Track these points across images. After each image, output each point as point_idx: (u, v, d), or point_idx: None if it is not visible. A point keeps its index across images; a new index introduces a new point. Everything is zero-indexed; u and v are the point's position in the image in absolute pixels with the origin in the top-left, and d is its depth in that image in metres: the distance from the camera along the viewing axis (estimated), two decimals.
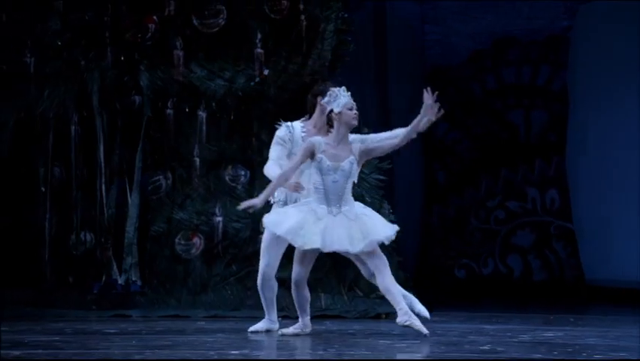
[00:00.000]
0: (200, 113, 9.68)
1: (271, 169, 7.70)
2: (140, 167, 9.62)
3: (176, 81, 9.70)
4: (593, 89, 12.84)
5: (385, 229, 7.48)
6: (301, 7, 9.68)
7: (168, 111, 9.71)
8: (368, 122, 10.04)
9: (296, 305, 7.71)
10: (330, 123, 7.58)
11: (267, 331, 7.78)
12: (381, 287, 7.54)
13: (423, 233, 13.20)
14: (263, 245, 7.78)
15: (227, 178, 9.63)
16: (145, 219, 9.56)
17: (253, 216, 9.50)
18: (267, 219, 7.51)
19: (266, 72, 9.66)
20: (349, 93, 7.68)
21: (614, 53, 12.72)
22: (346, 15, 9.77)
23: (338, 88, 7.71)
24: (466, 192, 13.26)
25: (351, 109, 7.60)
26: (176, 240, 9.52)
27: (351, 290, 9.36)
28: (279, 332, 7.69)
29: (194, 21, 9.75)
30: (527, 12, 12.98)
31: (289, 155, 7.73)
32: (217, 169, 9.64)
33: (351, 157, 7.52)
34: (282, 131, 7.84)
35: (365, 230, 7.40)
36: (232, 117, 9.68)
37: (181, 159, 9.65)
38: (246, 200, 9.66)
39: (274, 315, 7.85)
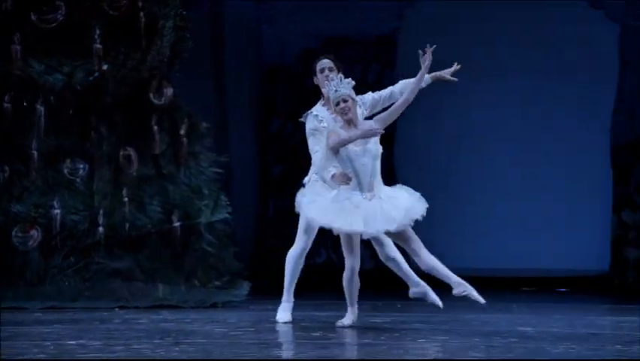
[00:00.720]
0: (39, 107, 9.45)
1: (322, 162, 7.39)
2: None
3: (14, 75, 9.44)
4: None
5: (417, 206, 7.25)
6: (140, 4, 9.55)
7: (6, 105, 9.44)
8: (206, 118, 10.01)
9: (347, 295, 7.46)
10: None
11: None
12: (425, 267, 7.33)
13: (259, 224, 13.20)
14: (301, 227, 7.66)
15: (65, 171, 9.43)
16: None
17: (91, 209, 9.33)
18: (306, 205, 7.32)
19: (105, 67, 9.50)
20: (342, 81, 7.32)
21: (436, 53, 12.97)
22: (184, 12, 9.69)
23: (334, 78, 7.35)
24: (300, 184, 13.31)
25: (337, 104, 7.28)
26: (14, 232, 9.27)
27: (189, 280, 9.30)
28: (338, 323, 7.41)
29: (33, 16, 9.51)
30: (357, 14, 13.11)
31: None
32: (56, 163, 9.43)
33: (374, 138, 7.25)
34: (310, 122, 7.56)
35: (400, 208, 7.18)
36: (71, 111, 9.48)
37: (19, 152, 9.40)
38: (85, 194, 9.44)
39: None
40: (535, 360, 5.91)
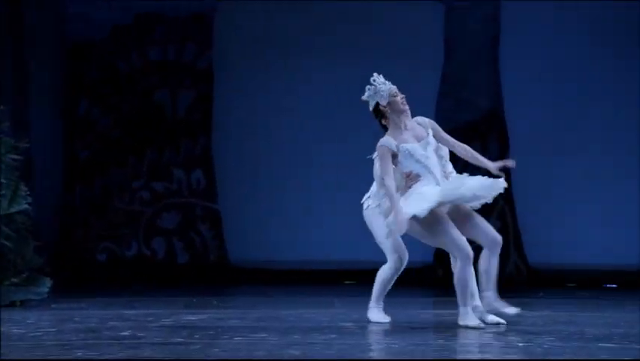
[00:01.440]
0: None
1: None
2: None
3: None
4: (237, 69, 13.06)
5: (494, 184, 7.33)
6: None
7: None
8: (3, 99, 9.72)
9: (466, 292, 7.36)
10: (383, 117, 7.43)
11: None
12: (484, 266, 7.37)
13: (64, 215, 12.94)
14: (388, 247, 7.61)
15: None
16: None
17: None
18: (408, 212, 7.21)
19: None
20: (384, 79, 7.57)
21: (255, 30, 12.99)
22: None
23: (373, 78, 7.55)
24: (110, 172, 13.12)
25: (396, 95, 7.48)
26: None
27: None
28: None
29: None
30: None
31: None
32: None
33: (429, 130, 7.44)
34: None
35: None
36: None
37: None
38: None
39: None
40: (354, 359, 5.98)
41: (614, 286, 12.26)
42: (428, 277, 12.13)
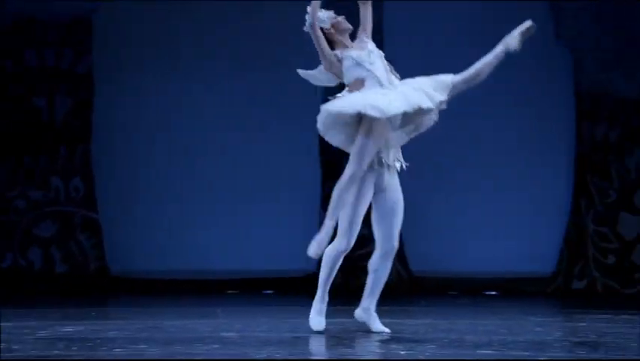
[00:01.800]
0: None
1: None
2: None
3: None
4: (119, 73, 12.98)
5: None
6: None
7: None
8: None
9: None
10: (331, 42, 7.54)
11: None
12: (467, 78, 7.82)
13: None
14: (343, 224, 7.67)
15: None
16: None
17: None
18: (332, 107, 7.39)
19: None
20: None
21: (139, 36, 12.93)
22: None
23: (307, 11, 7.58)
24: None
25: (336, 17, 7.61)
26: None
27: None
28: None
29: None
30: None
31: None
32: None
33: (369, 40, 7.59)
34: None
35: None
36: None
37: None
38: None
39: None
40: None
41: (494, 293, 12.52)
42: (311, 286, 12.20)
